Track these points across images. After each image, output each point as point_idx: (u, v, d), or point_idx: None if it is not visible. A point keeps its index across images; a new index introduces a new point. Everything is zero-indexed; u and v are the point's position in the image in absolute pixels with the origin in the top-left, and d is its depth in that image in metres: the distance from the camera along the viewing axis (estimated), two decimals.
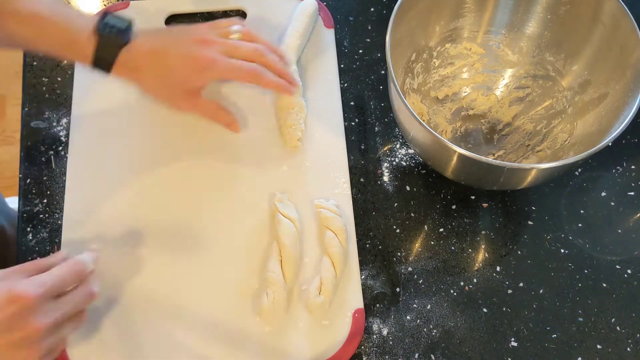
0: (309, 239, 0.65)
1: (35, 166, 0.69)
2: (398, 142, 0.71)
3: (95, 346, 0.60)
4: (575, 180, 0.70)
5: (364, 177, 0.69)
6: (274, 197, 0.66)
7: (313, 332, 0.61)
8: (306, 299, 0.61)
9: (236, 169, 0.68)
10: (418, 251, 0.66)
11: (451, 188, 0.69)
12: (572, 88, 0.69)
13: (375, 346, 0.61)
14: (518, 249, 0.66)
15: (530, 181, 0.60)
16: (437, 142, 0.57)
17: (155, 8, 0.77)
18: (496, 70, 0.74)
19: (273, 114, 0.71)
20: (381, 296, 0.64)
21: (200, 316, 0.61)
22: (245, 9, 0.77)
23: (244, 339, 0.60)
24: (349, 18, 0.78)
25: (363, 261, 0.65)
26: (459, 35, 0.72)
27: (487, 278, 0.65)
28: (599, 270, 0.65)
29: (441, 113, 0.73)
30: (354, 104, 0.73)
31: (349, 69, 0.75)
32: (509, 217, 0.68)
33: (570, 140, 0.66)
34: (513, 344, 0.62)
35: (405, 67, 0.69)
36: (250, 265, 0.63)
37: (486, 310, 0.63)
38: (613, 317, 0.63)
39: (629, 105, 0.58)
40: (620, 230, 0.68)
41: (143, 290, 0.62)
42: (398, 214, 0.68)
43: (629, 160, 0.71)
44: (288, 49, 0.71)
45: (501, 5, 0.70)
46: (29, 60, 0.75)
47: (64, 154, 0.69)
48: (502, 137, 0.72)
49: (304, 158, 0.69)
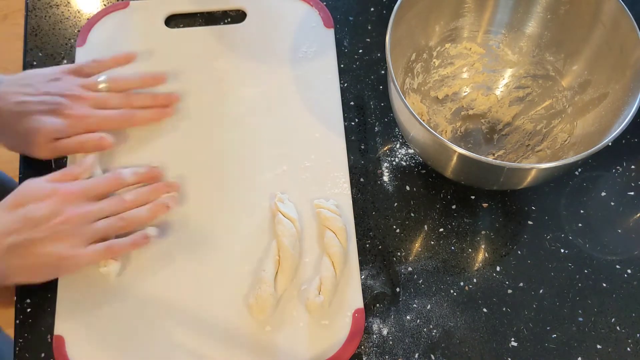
0: (309, 238, 0.65)
1: (35, 166, 0.69)
2: (398, 142, 0.71)
3: (93, 345, 0.60)
4: (575, 180, 0.70)
5: (364, 177, 0.69)
6: (274, 196, 0.66)
7: (313, 331, 0.61)
8: (306, 298, 0.61)
9: (236, 168, 0.68)
10: (418, 251, 0.66)
11: (451, 188, 0.69)
12: (572, 88, 0.69)
13: (375, 346, 0.61)
14: (518, 248, 0.66)
15: (530, 181, 0.60)
16: (437, 142, 0.57)
17: (155, 8, 0.77)
18: (496, 70, 0.74)
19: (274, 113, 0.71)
20: (381, 296, 0.64)
21: (199, 315, 0.61)
22: (245, 9, 0.77)
23: (243, 339, 0.60)
24: (349, 18, 0.78)
25: (363, 261, 0.65)
26: (459, 35, 0.72)
27: (487, 278, 0.65)
28: (599, 270, 0.65)
29: (441, 113, 0.73)
30: (354, 104, 0.73)
31: (349, 68, 0.75)
32: (508, 217, 0.68)
33: (570, 140, 0.66)
34: (513, 344, 0.62)
35: (405, 67, 0.69)
36: (250, 265, 0.63)
37: (486, 310, 0.63)
38: (613, 317, 0.63)
39: (628, 105, 0.58)
40: (620, 230, 0.68)
41: (143, 289, 0.62)
42: (398, 214, 0.68)
43: (629, 160, 0.71)
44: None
45: (501, 5, 0.70)
46: (29, 60, 0.75)
47: (64, 154, 0.69)
48: (502, 137, 0.72)
49: (304, 158, 0.69)
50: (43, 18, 0.78)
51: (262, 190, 0.67)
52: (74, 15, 0.78)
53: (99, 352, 0.60)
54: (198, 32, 0.76)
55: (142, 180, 0.65)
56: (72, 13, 0.78)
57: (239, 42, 0.76)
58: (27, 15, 0.78)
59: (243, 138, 0.70)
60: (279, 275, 0.61)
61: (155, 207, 0.63)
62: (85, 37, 0.75)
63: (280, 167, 0.68)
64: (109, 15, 0.77)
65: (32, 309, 0.62)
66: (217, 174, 0.68)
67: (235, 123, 0.71)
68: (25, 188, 0.60)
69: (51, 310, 0.61)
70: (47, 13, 0.78)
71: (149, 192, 0.64)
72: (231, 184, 0.68)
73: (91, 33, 0.75)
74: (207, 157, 0.69)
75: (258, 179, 0.68)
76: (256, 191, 0.67)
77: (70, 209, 0.59)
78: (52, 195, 0.59)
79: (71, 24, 0.77)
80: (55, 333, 0.60)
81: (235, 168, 0.68)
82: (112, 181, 0.63)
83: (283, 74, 0.74)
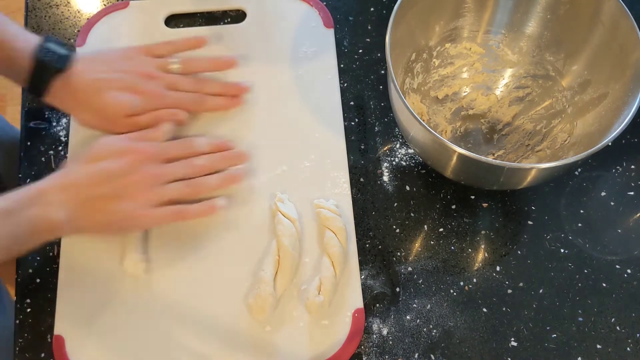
0: (309, 238, 0.65)
1: (35, 166, 0.69)
2: (398, 142, 0.71)
3: (93, 345, 0.60)
4: (575, 180, 0.70)
5: (363, 177, 0.69)
6: (274, 197, 0.66)
7: (313, 331, 0.61)
8: (306, 298, 0.61)
9: None
10: (418, 251, 0.66)
11: (451, 188, 0.69)
12: (571, 88, 0.69)
13: (375, 346, 0.61)
14: (518, 248, 0.66)
15: (530, 181, 0.60)
16: (436, 141, 0.57)
17: (154, 8, 0.77)
18: (496, 70, 0.74)
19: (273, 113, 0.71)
20: (381, 296, 0.64)
21: (199, 315, 0.61)
22: (245, 9, 0.77)
23: (243, 339, 0.60)
24: (349, 18, 0.78)
25: (363, 261, 0.65)
26: (459, 35, 0.72)
27: (486, 278, 0.65)
28: (598, 270, 0.65)
29: (441, 113, 0.73)
30: (354, 103, 0.73)
31: (349, 68, 0.75)
32: (508, 217, 0.68)
33: (570, 140, 0.66)
34: (513, 343, 0.62)
35: (405, 66, 0.69)
36: (250, 265, 0.63)
37: (486, 310, 0.63)
38: (613, 317, 0.63)
39: (628, 105, 0.58)
40: (620, 230, 0.68)
41: (142, 289, 0.62)
42: (398, 214, 0.68)
43: (629, 160, 0.71)
44: None
45: (501, 5, 0.70)
46: None
47: (64, 154, 0.69)
48: (501, 137, 0.72)
49: (304, 158, 0.69)
50: (43, 18, 0.78)
51: (262, 190, 0.67)
52: (73, 15, 0.78)
53: (99, 352, 0.60)
54: (198, 32, 0.76)
55: (214, 149, 0.66)
56: (72, 13, 0.78)
57: (238, 42, 0.76)
58: (27, 15, 0.78)
59: (243, 138, 0.70)
60: (278, 275, 0.61)
61: (226, 177, 0.65)
62: (85, 37, 0.75)
63: (280, 167, 0.68)
64: (109, 15, 0.77)
65: (32, 309, 0.62)
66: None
67: (235, 123, 0.71)
68: (103, 143, 0.61)
69: (51, 310, 0.61)
70: (47, 13, 0.78)
71: (220, 160, 0.65)
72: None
73: (91, 33, 0.75)
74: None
75: (258, 179, 0.68)
76: (256, 191, 0.67)
77: (145, 168, 0.60)
78: (128, 153, 0.60)
79: (71, 24, 0.77)
80: (55, 333, 0.60)
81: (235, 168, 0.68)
82: (186, 146, 0.65)
83: (283, 74, 0.74)
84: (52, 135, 0.70)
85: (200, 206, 0.63)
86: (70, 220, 0.57)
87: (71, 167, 0.60)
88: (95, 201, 0.58)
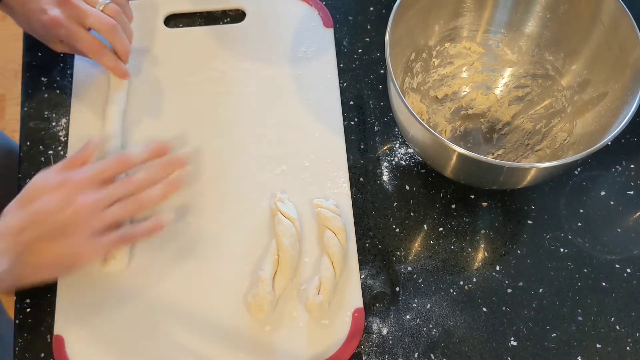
0: (309, 238, 0.65)
1: (34, 166, 0.69)
2: (397, 142, 0.71)
3: (93, 345, 0.60)
4: (574, 180, 0.70)
5: (363, 177, 0.69)
6: (274, 196, 0.66)
7: (312, 331, 0.61)
8: (305, 298, 0.61)
9: (236, 168, 0.68)
10: (417, 250, 0.66)
11: (451, 187, 0.69)
12: (571, 87, 0.69)
13: (375, 345, 0.61)
14: (517, 248, 0.66)
15: (529, 180, 0.60)
16: (436, 141, 0.57)
17: (154, 7, 0.77)
18: (495, 69, 0.74)
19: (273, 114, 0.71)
20: (381, 295, 0.64)
21: (198, 315, 0.61)
22: (244, 9, 0.77)
23: (243, 339, 0.60)
24: (349, 17, 0.78)
25: (362, 260, 0.65)
26: (458, 35, 0.72)
27: (486, 277, 0.65)
28: (598, 270, 0.65)
29: (440, 112, 0.73)
30: (354, 103, 0.73)
31: (349, 68, 0.75)
32: (508, 217, 0.68)
33: (570, 140, 0.66)
34: (513, 343, 0.62)
35: (405, 66, 0.69)
36: (250, 265, 0.63)
37: (486, 310, 0.63)
38: (612, 316, 0.63)
39: (628, 104, 0.58)
40: (620, 230, 0.68)
41: (142, 289, 0.62)
42: (397, 214, 0.68)
43: (629, 159, 0.71)
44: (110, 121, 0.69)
45: (500, 4, 0.70)
46: (29, 60, 0.75)
47: (64, 154, 0.69)
48: (501, 137, 0.72)
49: (304, 158, 0.69)
50: None
51: (261, 190, 0.67)
52: None
53: (98, 352, 0.60)
54: (197, 32, 0.76)
55: (150, 157, 0.63)
56: None
57: (238, 41, 0.76)
58: None
59: (242, 138, 0.70)
60: (278, 275, 0.61)
61: (168, 187, 0.61)
62: None
63: (279, 167, 0.68)
64: None
65: (32, 309, 0.62)
66: (216, 174, 0.68)
67: (235, 123, 0.71)
68: (34, 183, 0.58)
69: (51, 310, 0.61)
70: None
71: (159, 169, 0.62)
72: (231, 183, 0.68)
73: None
74: (207, 156, 0.69)
75: (258, 179, 0.68)
76: (256, 191, 0.67)
77: (81, 197, 0.57)
78: (60, 186, 0.57)
79: None
80: (55, 333, 0.60)
81: (234, 168, 0.68)
82: (120, 162, 0.61)
83: (282, 73, 0.74)
84: (51, 135, 0.70)
85: (148, 224, 0.60)
86: (12, 269, 0.55)
87: (6, 214, 0.57)
88: (34, 245, 0.55)
